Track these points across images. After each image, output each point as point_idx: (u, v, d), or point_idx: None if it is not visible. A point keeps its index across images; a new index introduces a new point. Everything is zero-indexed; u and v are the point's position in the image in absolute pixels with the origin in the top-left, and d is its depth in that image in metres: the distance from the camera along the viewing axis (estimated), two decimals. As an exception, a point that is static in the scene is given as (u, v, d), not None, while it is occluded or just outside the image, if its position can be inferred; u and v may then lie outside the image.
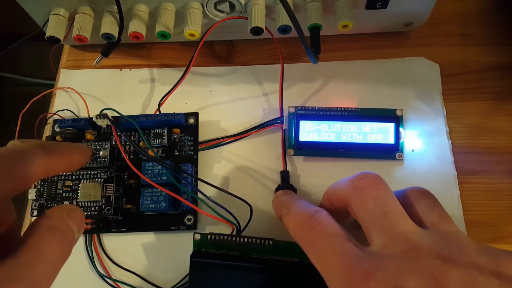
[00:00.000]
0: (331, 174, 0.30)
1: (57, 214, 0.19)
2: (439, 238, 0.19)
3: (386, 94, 0.33)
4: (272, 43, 0.35)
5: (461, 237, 0.19)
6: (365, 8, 0.31)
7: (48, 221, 0.19)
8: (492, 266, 0.18)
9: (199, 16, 0.31)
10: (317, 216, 0.22)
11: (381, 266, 0.18)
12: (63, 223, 0.19)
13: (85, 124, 0.31)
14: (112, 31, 0.30)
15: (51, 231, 0.18)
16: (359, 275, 0.18)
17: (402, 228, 0.20)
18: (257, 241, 0.25)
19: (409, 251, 0.18)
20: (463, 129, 0.32)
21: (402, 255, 0.18)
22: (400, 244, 0.19)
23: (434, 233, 0.20)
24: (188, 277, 0.26)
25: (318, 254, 0.21)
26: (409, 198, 0.22)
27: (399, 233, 0.19)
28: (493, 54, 0.34)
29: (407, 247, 0.19)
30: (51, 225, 0.19)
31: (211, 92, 0.34)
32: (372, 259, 0.19)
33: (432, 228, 0.20)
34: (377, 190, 0.21)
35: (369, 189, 0.21)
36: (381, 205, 0.20)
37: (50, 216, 0.19)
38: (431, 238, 0.19)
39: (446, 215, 0.21)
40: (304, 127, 0.30)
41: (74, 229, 0.19)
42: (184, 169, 0.29)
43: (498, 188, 0.30)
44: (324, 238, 0.21)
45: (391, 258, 0.18)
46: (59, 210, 0.20)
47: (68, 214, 0.20)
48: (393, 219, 0.20)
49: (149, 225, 0.29)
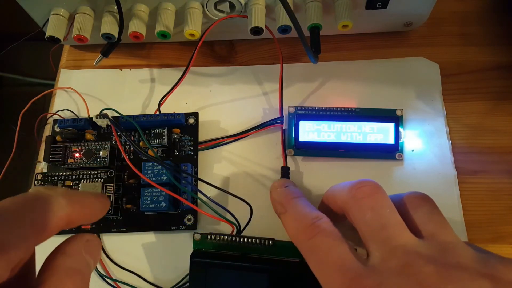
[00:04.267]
0: (331, 174, 0.30)
1: (76, 252, 0.19)
2: (436, 249, 0.19)
3: (386, 94, 0.33)
4: (272, 43, 0.35)
5: (458, 246, 0.19)
6: (365, 8, 0.31)
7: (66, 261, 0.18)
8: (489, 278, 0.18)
9: (199, 16, 0.31)
10: (317, 224, 0.21)
11: (380, 282, 0.18)
12: (82, 262, 0.19)
13: (85, 124, 0.31)
14: (112, 31, 0.30)
15: (70, 275, 0.18)
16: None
17: (399, 241, 0.20)
18: (257, 241, 0.25)
19: (407, 266, 0.18)
20: (463, 129, 0.32)
21: (399, 270, 0.18)
22: (397, 258, 0.19)
23: (431, 244, 0.20)
24: (188, 277, 0.26)
25: (317, 264, 0.20)
26: (406, 205, 0.22)
27: (397, 246, 0.19)
28: (493, 54, 0.34)
29: (405, 261, 0.19)
30: (69, 265, 0.18)
31: (211, 92, 0.34)
32: (372, 275, 0.19)
33: (430, 237, 0.20)
34: (375, 201, 0.21)
35: (366, 199, 0.21)
36: (379, 216, 0.20)
37: (68, 253, 0.18)
38: (429, 250, 0.19)
39: (444, 222, 0.21)
40: (304, 127, 0.30)
41: (91, 263, 0.19)
42: (184, 169, 0.29)
43: (498, 188, 0.30)
44: (324, 250, 0.20)
45: (389, 273, 0.19)
46: (77, 244, 0.19)
47: (86, 248, 0.19)
48: (390, 232, 0.20)
49: (149, 225, 0.29)
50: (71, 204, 0.19)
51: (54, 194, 0.19)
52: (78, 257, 0.18)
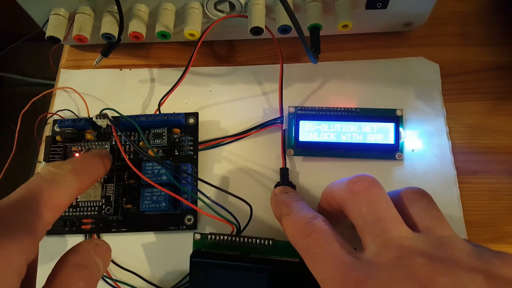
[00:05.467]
0: (331, 174, 0.30)
1: (84, 250, 0.20)
2: (431, 243, 0.19)
3: (386, 94, 0.33)
4: (272, 43, 0.35)
5: (454, 241, 0.19)
6: (365, 8, 0.31)
7: (76, 258, 0.20)
8: (484, 272, 0.18)
9: (199, 16, 0.31)
10: (313, 223, 0.22)
11: (372, 274, 0.18)
12: (90, 260, 0.20)
13: (85, 124, 0.31)
14: (112, 31, 0.30)
15: (79, 268, 0.19)
16: (351, 284, 0.18)
17: (395, 234, 0.20)
18: (257, 241, 0.25)
19: (400, 258, 0.19)
20: (463, 129, 0.32)
21: (393, 263, 0.18)
22: (392, 251, 0.19)
23: (427, 238, 0.20)
24: (188, 277, 0.26)
25: (313, 261, 0.21)
26: (403, 200, 0.22)
27: (392, 239, 0.19)
28: (493, 54, 0.34)
29: (399, 254, 0.19)
30: (79, 262, 0.19)
31: (211, 92, 0.34)
32: (364, 267, 0.19)
33: (426, 232, 0.20)
34: (371, 195, 0.21)
35: (363, 193, 0.21)
36: (375, 210, 0.20)
37: (77, 251, 0.20)
38: (424, 243, 0.19)
39: (441, 217, 0.21)
40: (304, 127, 0.30)
41: (100, 264, 0.20)
42: (184, 169, 0.29)
43: (498, 188, 0.30)
44: (318, 246, 0.21)
45: (383, 265, 0.19)
46: (87, 245, 0.21)
47: (95, 250, 0.20)
48: (386, 225, 0.20)
49: (149, 225, 0.29)
50: (79, 179, 0.23)
51: (63, 173, 0.22)
52: (86, 255, 0.20)
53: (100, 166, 0.26)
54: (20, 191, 0.20)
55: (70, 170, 0.22)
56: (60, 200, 0.21)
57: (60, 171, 0.22)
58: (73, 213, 0.30)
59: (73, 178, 0.22)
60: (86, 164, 0.25)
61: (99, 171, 0.26)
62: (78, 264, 0.19)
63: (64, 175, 0.22)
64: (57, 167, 0.22)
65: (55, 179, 0.21)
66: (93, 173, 0.25)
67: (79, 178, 0.23)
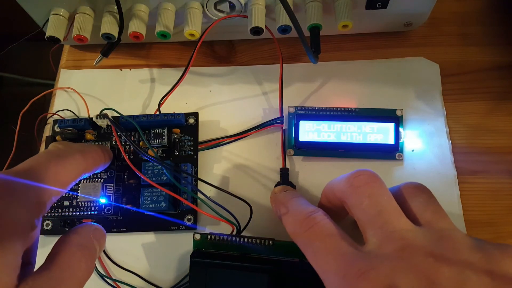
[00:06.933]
0: (331, 174, 0.30)
1: (86, 233, 0.21)
2: (433, 235, 0.19)
3: (386, 94, 0.33)
4: (272, 43, 0.35)
5: (455, 234, 0.20)
6: (365, 8, 0.31)
7: (78, 238, 0.20)
8: (485, 263, 0.18)
9: (199, 16, 0.31)
10: (313, 216, 0.22)
11: (374, 265, 0.18)
12: (90, 241, 0.21)
13: (85, 124, 0.31)
14: (112, 31, 0.30)
15: (81, 249, 0.20)
16: (353, 275, 0.18)
17: (396, 226, 0.20)
18: (257, 241, 0.25)
19: (402, 250, 0.19)
20: (463, 129, 0.32)
21: (395, 254, 0.18)
22: (393, 242, 0.19)
23: (428, 230, 0.20)
24: (188, 277, 0.26)
25: (314, 254, 0.21)
26: (404, 194, 0.22)
27: (393, 231, 0.19)
28: (493, 54, 0.34)
29: (400, 245, 0.19)
30: (81, 242, 0.20)
31: (211, 92, 0.34)
32: (366, 259, 0.19)
33: (427, 225, 0.20)
34: (372, 188, 0.21)
35: (364, 187, 0.21)
36: (376, 203, 0.21)
37: (79, 233, 0.21)
38: (425, 236, 0.19)
39: (441, 211, 0.21)
40: (304, 127, 0.30)
41: (97, 248, 0.21)
42: (184, 169, 0.29)
43: (498, 188, 0.30)
44: (320, 239, 0.21)
45: (385, 257, 0.19)
46: (87, 229, 0.22)
47: (94, 233, 0.21)
48: (387, 218, 0.20)
49: (149, 225, 0.29)
50: (85, 159, 0.24)
51: (71, 151, 0.23)
52: (87, 237, 0.21)
53: (103, 155, 0.27)
54: (29, 162, 0.21)
55: (78, 150, 0.24)
56: (66, 176, 0.22)
57: (68, 149, 0.23)
58: (73, 213, 0.30)
59: (81, 157, 0.23)
60: (92, 149, 0.26)
61: (103, 158, 0.27)
62: (80, 244, 0.20)
63: (72, 153, 0.23)
64: (65, 145, 0.24)
65: (63, 155, 0.22)
66: (98, 159, 0.26)
67: (85, 159, 0.24)
